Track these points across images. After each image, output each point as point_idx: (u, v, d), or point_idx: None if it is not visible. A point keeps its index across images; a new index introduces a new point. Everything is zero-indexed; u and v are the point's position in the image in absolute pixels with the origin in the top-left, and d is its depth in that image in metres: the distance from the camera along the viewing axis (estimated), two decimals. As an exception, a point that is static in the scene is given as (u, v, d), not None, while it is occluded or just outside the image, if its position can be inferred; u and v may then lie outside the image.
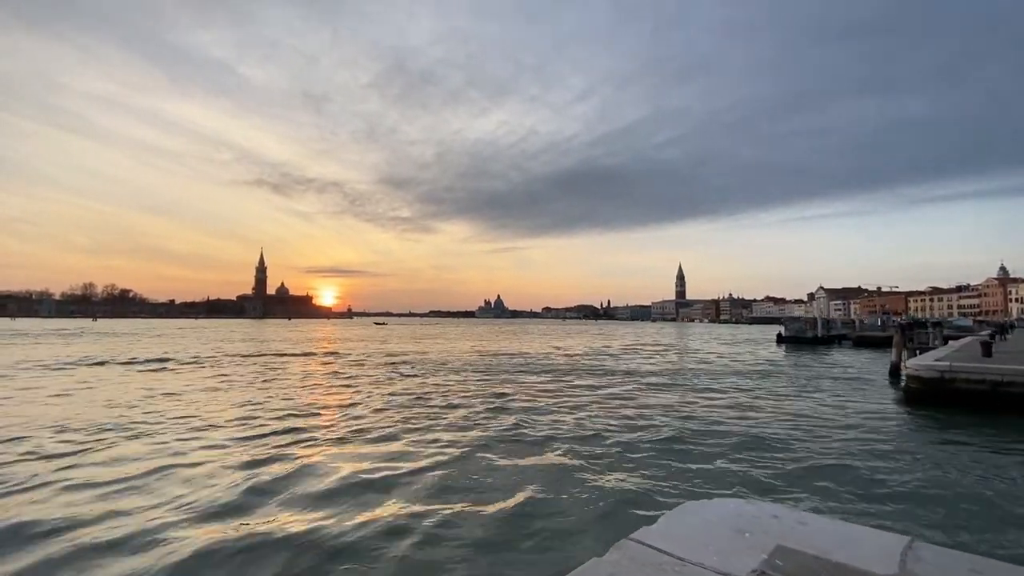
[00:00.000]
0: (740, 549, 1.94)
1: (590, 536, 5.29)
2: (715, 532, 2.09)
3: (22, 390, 15.07)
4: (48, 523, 5.48)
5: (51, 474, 7.23)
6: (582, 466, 7.81)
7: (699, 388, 17.12)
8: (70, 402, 13.13)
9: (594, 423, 11.07)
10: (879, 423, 11.35)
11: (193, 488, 6.68)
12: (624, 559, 1.86)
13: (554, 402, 13.80)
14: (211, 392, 15.20)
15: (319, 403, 13.72)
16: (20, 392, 14.69)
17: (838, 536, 2.09)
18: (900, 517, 5.92)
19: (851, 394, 15.87)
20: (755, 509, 2.35)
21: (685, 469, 7.80)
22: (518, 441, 9.50)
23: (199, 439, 9.35)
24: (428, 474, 7.39)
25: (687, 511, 2.34)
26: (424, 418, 11.53)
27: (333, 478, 7.14)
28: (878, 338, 40.82)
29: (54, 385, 16.14)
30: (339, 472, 7.40)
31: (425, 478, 7.20)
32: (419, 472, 7.47)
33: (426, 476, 7.29)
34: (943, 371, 12.84)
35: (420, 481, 7.06)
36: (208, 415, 11.60)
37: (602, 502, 6.27)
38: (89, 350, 31.26)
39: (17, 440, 9.05)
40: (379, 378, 19.40)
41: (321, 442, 9.33)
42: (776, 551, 1.93)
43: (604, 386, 17.31)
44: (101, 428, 10.08)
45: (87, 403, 12.99)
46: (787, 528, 2.14)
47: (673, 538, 2.02)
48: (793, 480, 7.31)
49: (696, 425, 10.95)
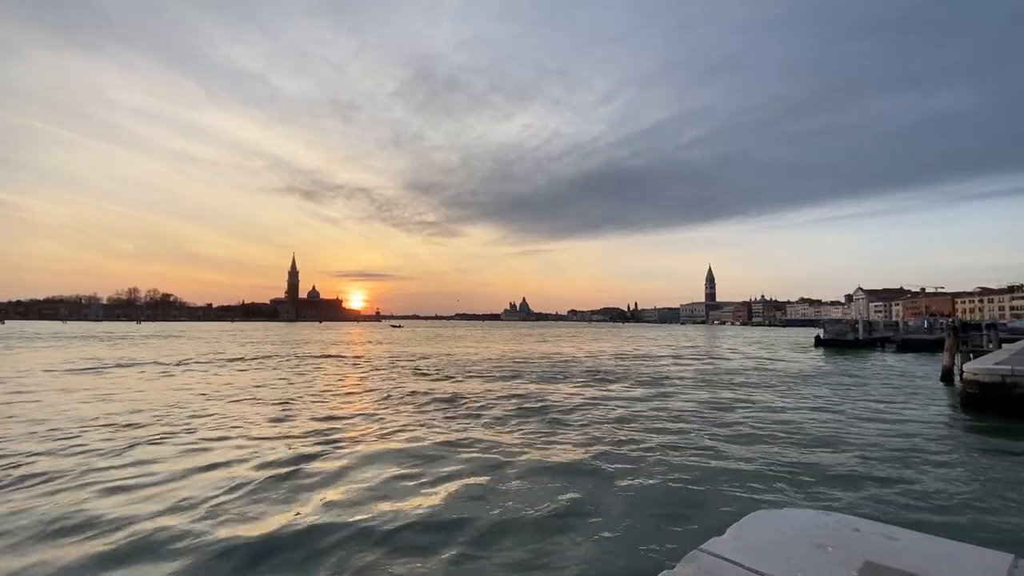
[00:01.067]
0: (825, 565, 1.78)
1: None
2: (792, 545, 1.94)
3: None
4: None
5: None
6: (617, 471, 7.64)
7: (742, 394, 16.58)
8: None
9: (629, 430, 10.83)
10: (938, 431, 10.68)
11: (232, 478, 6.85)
12: (699, 572, 1.73)
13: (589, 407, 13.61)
14: (253, 389, 15.64)
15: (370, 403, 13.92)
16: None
17: (932, 553, 1.89)
18: (983, 532, 5.47)
19: (904, 399, 15.03)
20: (833, 521, 2.18)
21: (742, 475, 7.55)
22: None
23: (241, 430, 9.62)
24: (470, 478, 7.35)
25: (758, 521, 2.18)
26: (460, 417, 11.55)
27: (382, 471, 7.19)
28: (924, 341, 38.83)
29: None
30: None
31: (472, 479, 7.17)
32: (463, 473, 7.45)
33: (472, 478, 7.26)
34: (1004, 375, 12.05)
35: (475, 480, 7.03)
36: (239, 412, 11.96)
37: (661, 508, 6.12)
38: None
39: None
40: (402, 380, 19.58)
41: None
42: (866, 568, 1.76)
43: (637, 391, 16.97)
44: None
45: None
46: (873, 543, 1.96)
47: (748, 550, 1.88)
48: (856, 490, 6.88)
49: (743, 430, 10.58)
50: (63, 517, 5.70)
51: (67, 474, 7.31)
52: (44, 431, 10.01)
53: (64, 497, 6.38)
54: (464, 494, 6.61)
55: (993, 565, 1.81)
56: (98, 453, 8.46)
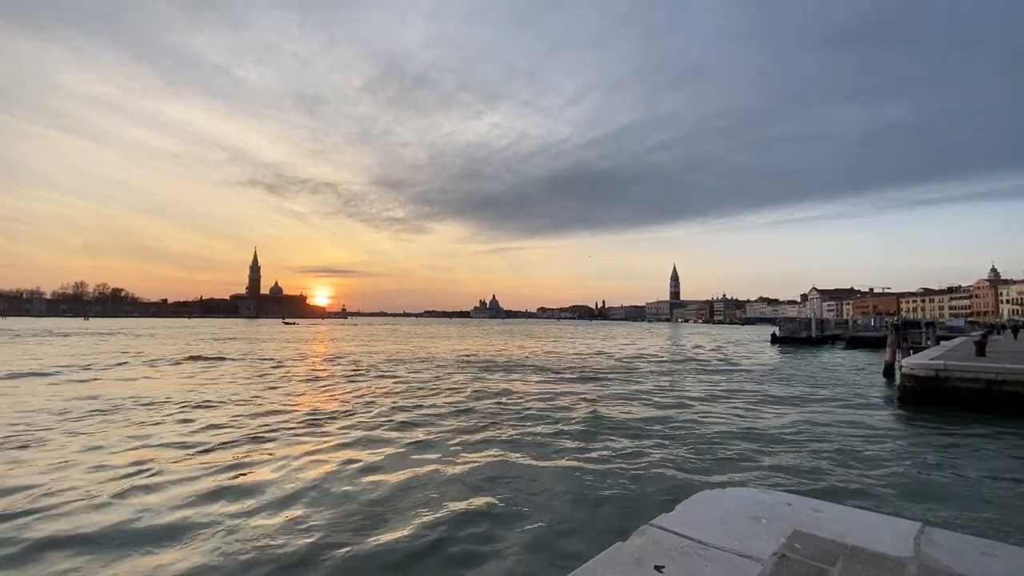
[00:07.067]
0: (759, 534, 1.99)
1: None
2: (733, 519, 2.15)
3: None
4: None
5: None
6: (582, 466, 7.90)
7: (701, 387, 17.23)
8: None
9: (591, 412, 11.15)
10: (875, 421, 11.51)
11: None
12: (648, 543, 1.90)
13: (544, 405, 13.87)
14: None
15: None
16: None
17: (852, 522, 2.14)
18: (904, 507, 6.06)
19: (848, 393, 16.04)
20: (769, 498, 2.41)
21: (696, 461, 8.02)
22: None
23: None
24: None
25: (704, 499, 2.40)
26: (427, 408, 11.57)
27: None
28: (872, 338, 41.16)
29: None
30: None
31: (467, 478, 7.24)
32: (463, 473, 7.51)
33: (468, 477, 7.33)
34: (938, 370, 13.00)
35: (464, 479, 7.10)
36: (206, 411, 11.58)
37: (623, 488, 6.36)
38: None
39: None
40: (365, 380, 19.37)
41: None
42: (794, 536, 1.98)
43: (581, 378, 17.39)
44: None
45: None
46: (802, 515, 2.20)
47: (693, 524, 2.07)
48: (800, 473, 7.51)
49: (693, 418, 11.06)
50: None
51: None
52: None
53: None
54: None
55: (904, 531, 2.07)
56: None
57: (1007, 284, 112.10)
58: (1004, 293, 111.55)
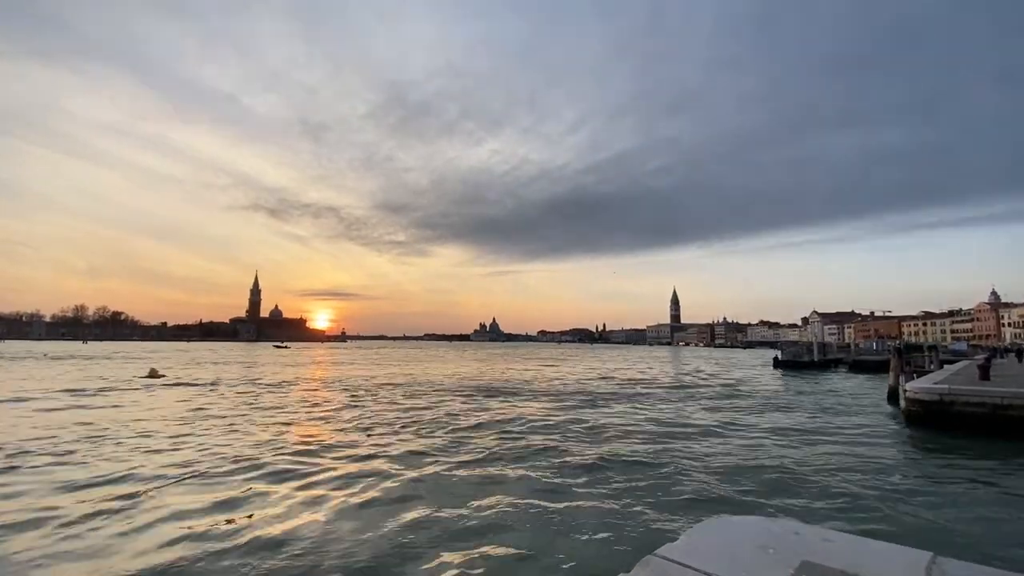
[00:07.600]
0: (766, 565, 1.94)
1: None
2: (739, 548, 2.09)
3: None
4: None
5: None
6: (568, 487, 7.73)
7: (704, 413, 17.02)
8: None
9: (592, 443, 10.95)
10: (882, 445, 11.32)
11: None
12: (652, 575, 1.85)
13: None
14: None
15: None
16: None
17: (862, 552, 2.09)
18: (913, 534, 5.94)
19: (853, 417, 15.82)
20: (777, 527, 2.36)
21: (700, 488, 7.82)
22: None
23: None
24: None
25: (709, 528, 2.34)
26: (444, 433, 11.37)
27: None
28: (874, 362, 40.87)
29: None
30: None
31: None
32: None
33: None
34: (942, 394, 12.87)
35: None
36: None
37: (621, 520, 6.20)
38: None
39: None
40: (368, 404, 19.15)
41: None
42: (802, 566, 1.93)
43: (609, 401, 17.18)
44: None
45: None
46: (811, 545, 2.14)
47: (698, 554, 2.02)
48: (806, 500, 7.35)
49: (713, 446, 10.88)
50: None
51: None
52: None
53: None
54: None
55: (914, 561, 2.01)
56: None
57: (1008, 307, 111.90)
58: (1006, 316, 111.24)
